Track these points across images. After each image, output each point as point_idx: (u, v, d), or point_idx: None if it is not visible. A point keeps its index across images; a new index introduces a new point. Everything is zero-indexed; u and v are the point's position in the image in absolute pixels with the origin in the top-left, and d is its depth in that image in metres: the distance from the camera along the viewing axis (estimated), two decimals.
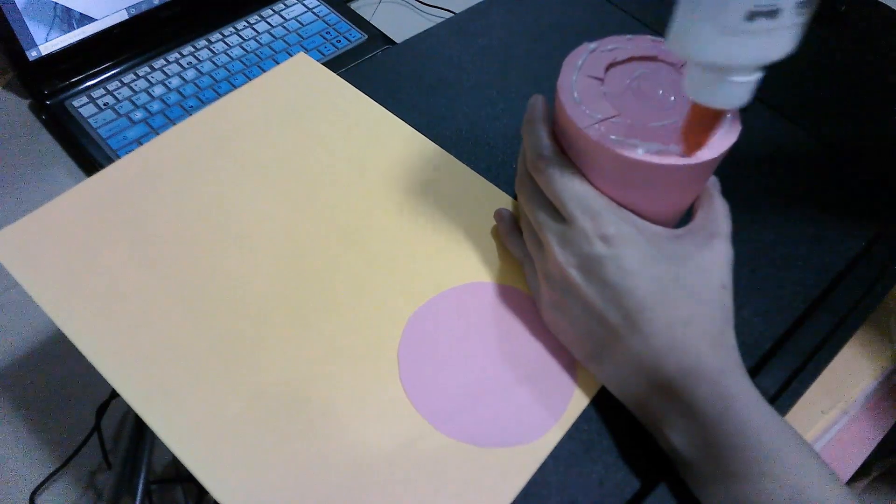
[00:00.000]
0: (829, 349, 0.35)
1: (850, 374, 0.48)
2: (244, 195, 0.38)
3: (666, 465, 0.30)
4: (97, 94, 0.60)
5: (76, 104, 0.59)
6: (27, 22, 0.56)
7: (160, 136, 0.40)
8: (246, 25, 0.67)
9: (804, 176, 0.43)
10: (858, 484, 0.49)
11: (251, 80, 0.46)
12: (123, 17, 0.62)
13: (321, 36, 0.68)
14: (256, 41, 0.66)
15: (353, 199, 0.38)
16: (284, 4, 0.70)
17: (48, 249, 0.34)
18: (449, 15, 0.73)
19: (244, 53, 0.65)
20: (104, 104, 0.59)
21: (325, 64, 0.54)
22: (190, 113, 0.59)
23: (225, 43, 0.65)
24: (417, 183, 0.39)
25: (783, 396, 0.33)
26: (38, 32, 0.57)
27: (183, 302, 0.33)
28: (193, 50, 0.64)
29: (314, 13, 0.70)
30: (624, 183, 0.29)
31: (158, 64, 0.63)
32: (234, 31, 0.67)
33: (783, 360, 0.34)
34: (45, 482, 0.40)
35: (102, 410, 0.40)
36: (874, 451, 0.45)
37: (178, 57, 0.64)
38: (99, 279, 0.34)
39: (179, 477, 0.40)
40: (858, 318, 0.36)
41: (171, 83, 0.61)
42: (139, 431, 0.35)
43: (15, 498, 0.40)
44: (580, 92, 0.30)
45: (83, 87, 0.60)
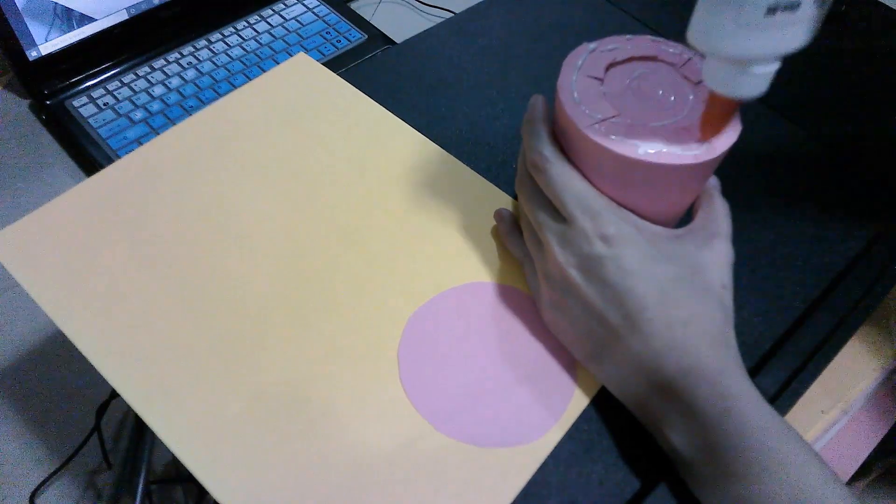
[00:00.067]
0: (829, 349, 0.35)
1: (850, 374, 0.48)
2: (244, 195, 0.38)
3: (666, 465, 0.30)
4: (97, 94, 0.60)
5: (76, 104, 0.59)
6: (27, 22, 0.56)
7: (160, 136, 0.40)
8: (246, 25, 0.67)
9: (804, 176, 0.43)
10: (858, 484, 0.49)
11: (251, 80, 0.46)
12: (123, 17, 0.62)
13: (321, 36, 0.68)
14: (256, 41, 0.66)
15: (353, 199, 0.38)
16: (284, 4, 0.70)
17: (48, 249, 0.34)
18: (449, 15, 0.73)
19: (244, 53, 0.65)
20: (104, 104, 0.59)
21: (325, 64, 0.54)
22: (190, 113, 0.59)
23: (225, 43, 0.65)
24: (417, 183, 0.39)
25: (783, 396, 0.33)
26: (38, 32, 0.57)
27: (183, 302, 0.33)
28: (193, 50, 0.64)
29: (314, 13, 0.70)
30: (624, 183, 0.29)
31: (158, 64, 0.63)
32: (234, 31, 0.67)
33: (783, 360, 0.34)
34: (45, 482, 0.40)
35: (102, 410, 0.40)
36: (874, 451, 0.45)
37: (178, 57, 0.64)
38: (99, 279, 0.34)
39: (179, 477, 0.40)
40: (858, 318, 0.36)
41: (171, 83, 0.61)
42: (139, 431, 0.35)
43: (15, 498, 0.40)
44: (580, 92, 0.30)
45: (83, 87, 0.60)
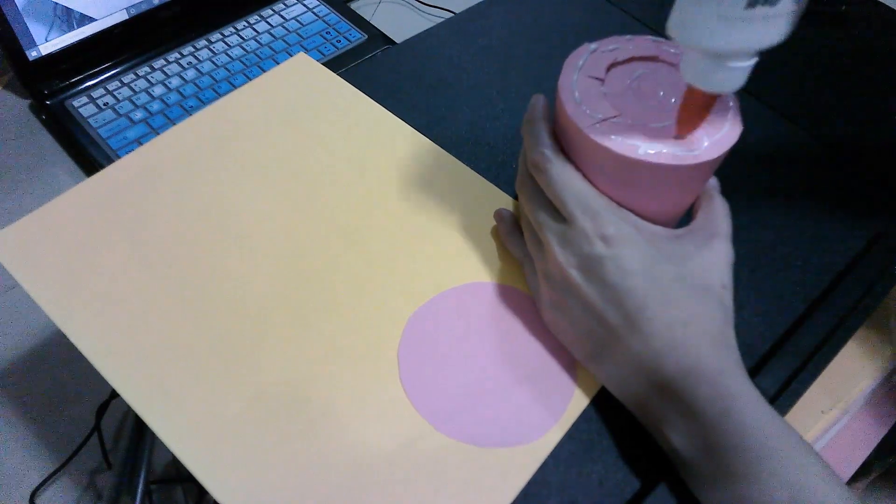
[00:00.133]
0: (829, 349, 0.35)
1: (850, 374, 0.48)
2: (244, 195, 0.38)
3: (666, 465, 0.30)
4: (97, 94, 0.60)
5: (76, 104, 0.59)
6: (27, 22, 0.56)
7: (160, 136, 0.40)
8: (246, 25, 0.67)
9: (804, 176, 0.43)
10: (858, 484, 0.49)
11: (251, 80, 0.46)
12: (123, 17, 0.62)
13: (321, 36, 0.68)
14: (256, 41, 0.66)
15: (353, 199, 0.38)
16: (284, 4, 0.70)
17: (48, 249, 0.34)
18: (449, 15, 0.73)
19: (244, 53, 0.65)
20: (104, 104, 0.59)
21: (325, 64, 0.54)
22: (190, 113, 0.59)
23: (225, 43, 0.65)
24: (417, 183, 0.39)
25: (783, 396, 0.33)
26: (38, 32, 0.57)
27: (183, 302, 0.33)
28: (193, 50, 0.64)
29: (314, 13, 0.70)
30: (624, 183, 0.29)
31: (158, 64, 0.63)
32: (234, 31, 0.67)
33: (783, 360, 0.34)
34: (45, 482, 0.40)
35: (102, 410, 0.40)
36: (874, 451, 0.45)
37: (178, 57, 0.64)
38: (99, 279, 0.34)
39: (179, 477, 0.40)
40: (858, 318, 0.36)
41: (171, 83, 0.61)
42: (139, 431, 0.35)
43: (15, 498, 0.40)
44: (581, 92, 0.30)
45: (83, 87, 0.60)
